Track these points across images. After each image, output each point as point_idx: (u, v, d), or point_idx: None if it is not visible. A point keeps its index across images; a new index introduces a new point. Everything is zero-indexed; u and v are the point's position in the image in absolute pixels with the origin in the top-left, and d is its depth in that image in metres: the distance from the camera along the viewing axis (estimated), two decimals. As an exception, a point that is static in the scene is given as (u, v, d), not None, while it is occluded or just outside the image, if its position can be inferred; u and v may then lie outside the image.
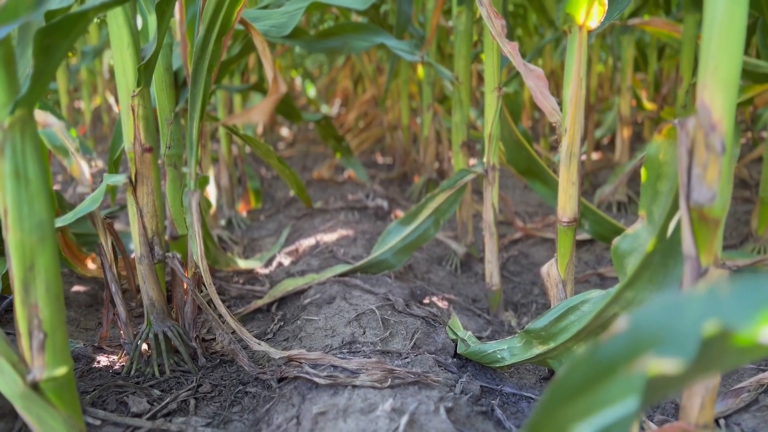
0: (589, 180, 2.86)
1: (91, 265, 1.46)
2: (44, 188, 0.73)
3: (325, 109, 5.23)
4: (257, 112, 1.16)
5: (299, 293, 1.48)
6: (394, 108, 3.33)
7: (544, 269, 1.13)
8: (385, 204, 2.17)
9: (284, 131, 4.64)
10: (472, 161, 2.42)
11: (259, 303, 1.45)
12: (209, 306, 1.16)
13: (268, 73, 1.17)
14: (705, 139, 0.62)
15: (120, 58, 1.06)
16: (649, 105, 2.59)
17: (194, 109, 1.15)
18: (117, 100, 4.45)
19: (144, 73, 1.06)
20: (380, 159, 3.51)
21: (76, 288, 1.53)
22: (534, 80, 1.20)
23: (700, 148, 0.62)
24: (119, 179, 1.11)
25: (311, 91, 6.55)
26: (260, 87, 2.09)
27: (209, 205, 1.39)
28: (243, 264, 1.69)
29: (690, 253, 0.65)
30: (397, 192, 2.72)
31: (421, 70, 2.70)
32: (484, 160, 1.46)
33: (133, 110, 1.08)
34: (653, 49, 2.99)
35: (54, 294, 0.77)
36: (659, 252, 0.87)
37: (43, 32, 0.68)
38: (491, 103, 1.43)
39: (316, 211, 2.16)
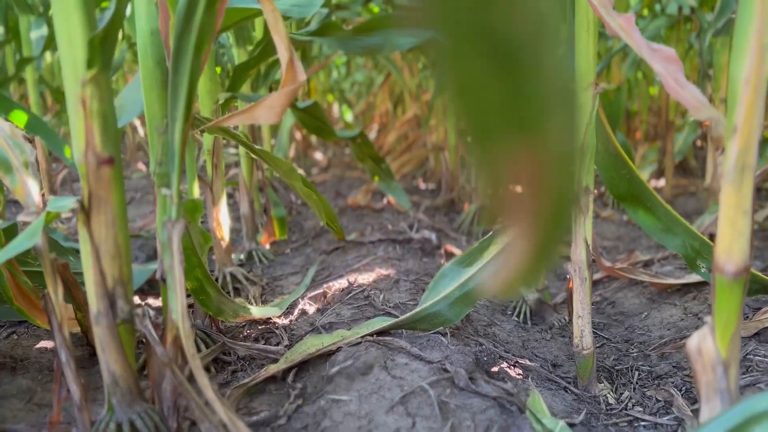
0: (669, 208, 2.43)
1: (58, 316, 1.13)
2: None
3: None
4: (265, 109, 0.82)
5: (325, 356, 1.11)
6: (439, 127, 2.98)
7: (692, 343, 0.74)
8: (433, 236, 1.80)
9: (318, 155, 4.34)
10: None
11: (273, 369, 1.09)
12: (190, 387, 0.80)
13: (282, 54, 0.82)
14: None
15: (65, 27, 0.73)
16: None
17: (176, 105, 0.82)
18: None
19: (100, 49, 0.73)
20: (423, 184, 3.15)
21: (43, 344, 1.20)
22: (662, 63, 0.83)
23: None
24: (65, 204, 0.77)
25: (348, 116, 6.28)
26: (285, 96, 1.77)
27: (208, 239, 1.05)
28: (257, 312, 1.34)
29: None
30: (445, 222, 2.35)
31: (472, 82, 2.35)
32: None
33: (83, 104, 0.75)
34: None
35: None
36: None
37: None
38: (585, 103, 1.06)
39: (350, 244, 1.81)
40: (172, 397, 0.86)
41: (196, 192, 1.24)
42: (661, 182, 2.84)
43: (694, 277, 1.50)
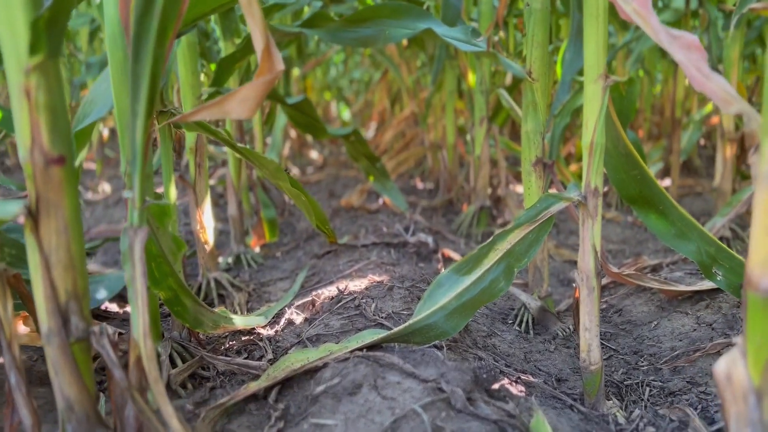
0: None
1: (20, 327, 1.04)
2: None
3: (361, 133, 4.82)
4: (238, 102, 0.73)
5: (311, 372, 1.03)
6: (437, 126, 2.89)
7: (720, 368, 0.65)
8: (429, 240, 1.71)
9: (314, 154, 4.25)
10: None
11: (253, 387, 1.00)
12: (153, 416, 0.71)
13: (256, 40, 0.74)
14: None
15: (4, 6, 0.64)
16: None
17: (137, 99, 0.73)
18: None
19: (46, 32, 0.64)
20: (420, 184, 3.06)
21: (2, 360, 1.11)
22: (683, 52, 0.74)
23: None
24: (9, 209, 0.68)
25: (346, 114, 6.19)
26: (272, 92, 1.68)
27: (181, 245, 0.96)
28: (240, 322, 1.25)
29: None
30: (443, 223, 2.26)
31: (472, 78, 2.26)
32: (582, 181, 1.00)
33: (28, 95, 0.66)
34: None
35: None
36: None
37: None
38: (594, 97, 0.97)
39: (342, 247, 1.72)
40: (136, 425, 0.77)
41: (172, 194, 1.15)
42: (666, 182, 2.75)
43: (706, 284, 1.41)
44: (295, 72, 3.72)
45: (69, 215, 0.70)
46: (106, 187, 3.04)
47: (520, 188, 2.88)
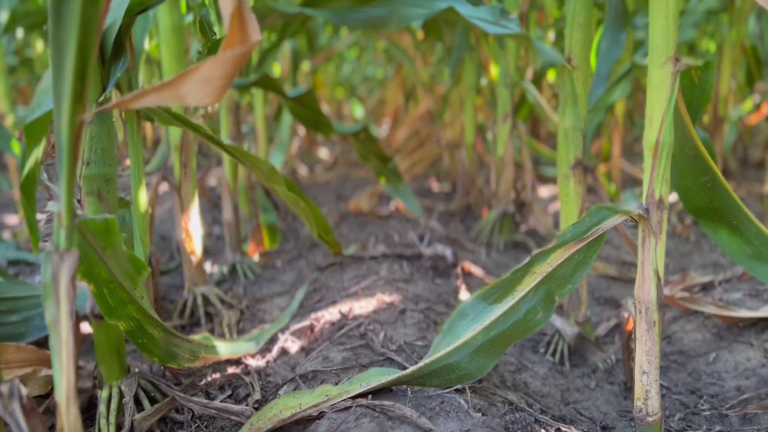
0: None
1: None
2: None
3: (372, 130, 4.62)
4: (199, 83, 0.55)
5: (303, 424, 0.83)
6: (455, 123, 2.69)
7: None
8: (447, 252, 1.51)
9: (324, 153, 4.06)
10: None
11: (232, 441, 0.82)
12: None
13: (224, 5, 0.54)
14: None
15: None
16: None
17: (60, 76, 0.54)
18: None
19: None
20: (436, 186, 2.86)
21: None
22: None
23: None
24: None
25: (358, 111, 5.99)
26: (270, 83, 1.49)
27: (140, 267, 0.77)
28: (225, 350, 1.06)
29: None
30: (461, 230, 2.06)
31: (494, 70, 2.06)
32: (643, 190, 0.80)
33: None
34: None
35: None
36: None
37: None
38: (661, 85, 0.77)
39: (349, 259, 1.52)
40: None
41: (142, 200, 0.96)
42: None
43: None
44: (305, 66, 3.53)
45: (-37, 236, 0.51)
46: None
47: (545, 192, 2.67)
